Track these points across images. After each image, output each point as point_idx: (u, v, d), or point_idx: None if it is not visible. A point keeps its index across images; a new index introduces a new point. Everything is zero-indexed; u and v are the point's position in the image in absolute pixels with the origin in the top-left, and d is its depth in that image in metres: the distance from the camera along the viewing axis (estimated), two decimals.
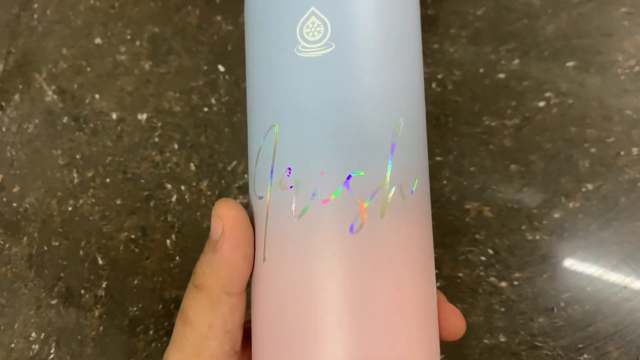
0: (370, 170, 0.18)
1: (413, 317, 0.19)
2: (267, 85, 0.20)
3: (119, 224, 0.41)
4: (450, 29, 0.42)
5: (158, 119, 0.44)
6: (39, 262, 0.41)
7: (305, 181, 0.18)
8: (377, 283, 0.18)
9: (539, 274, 0.35)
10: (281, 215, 0.19)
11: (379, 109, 0.19)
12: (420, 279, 0.19)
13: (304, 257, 0.18)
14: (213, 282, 0.20)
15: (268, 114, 0.19)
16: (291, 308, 0.19)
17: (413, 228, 0.19)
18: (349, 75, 0.19)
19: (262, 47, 0.20)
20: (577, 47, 0.40)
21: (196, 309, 0.20)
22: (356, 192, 0.18)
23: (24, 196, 0.43)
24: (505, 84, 0.40)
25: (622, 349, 0.33)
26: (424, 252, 0.20)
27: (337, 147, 0.18)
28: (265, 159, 0.19)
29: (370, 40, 0.19)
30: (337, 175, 0.18)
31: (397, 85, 0.19)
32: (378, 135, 0.19)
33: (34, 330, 0.39)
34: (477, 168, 0.38)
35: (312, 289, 0.18)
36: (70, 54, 0.48)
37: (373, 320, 0.18)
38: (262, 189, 0.19)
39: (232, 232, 0.20)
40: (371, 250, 0.18)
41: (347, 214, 0.18)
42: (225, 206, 0.20)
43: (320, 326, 0.18)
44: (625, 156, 0.37)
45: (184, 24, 0.47)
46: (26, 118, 0.46)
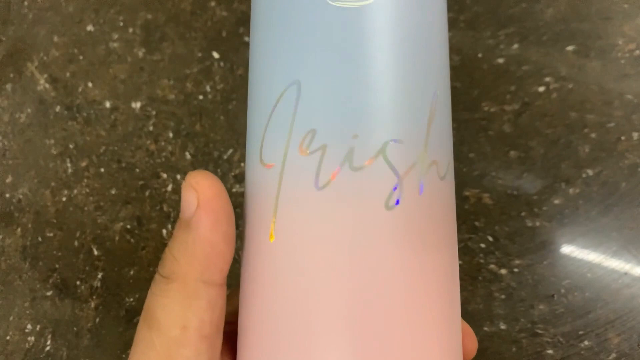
0: (410, 139, 0.16)
1: (443, 314, 0.17)
2: (289, 37, 0.17)
3: (114, 214, 0.41)
4: (448, 13, 0.41)
5: (152, 107, 0.44)
6: (33, 254, 0.41)
7: (334, 145, 0.16)
8: (417, 267, 0.16)
9: (539, 260, 0.35)
10: (300, 184, 0.16)
11: (420, 73, 0.17)
12: (448, 270, 0.18)
13: (327, 234, 0.15)
14: (187, 268, 0.16)
15: (287, 68, 0.17)
16: (309, 298, 0.16)
17: (446, 212, 0.17)
18: (389, 32, 0.16)
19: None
20: (576, 31, 0.40)
21: (165, 305, 0.16)
22: (395, 162, 0.16)
23: (17, 187, 0.43)
24: (505, 69, 0.39)
25: (623, 335, 0.33)
26: (452, 240, 0.18)
27: (373, 108, 0.16)
28: (282, 120, 0.16)
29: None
30: (374, 140, 0.16)
31: (436, 51, 0.17)
32: (418, 102, 0.16)
33: (29, 322, 0.39)
34: (476, 154, 0.38)
35: (338, 274, 0.15)
36: (62, 42, 0.48)
37: (414, 310, 0.16)
38: (274, 155, 0.16)
39: (210, 204, 0.16)
40: (409, 230, 0.16)
41: (384, 186, 0.16)
42: (200, 175, 0.17)
43: (349, 319, 0.15)
44: (626, 141, 0.36)
45: (178, 10, 0.47)
46: (18, 107, 0.46)
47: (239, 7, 0.46)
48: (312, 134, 0.16)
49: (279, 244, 0.16)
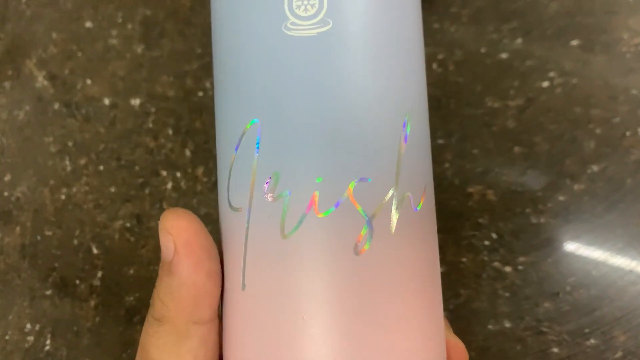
0: (378, 177, 0.15)
1: (424, 348, 0.17)
2: (247, 71, 0.16)
3: (114, 212, 0.41)
4: (450, 7, 0.42)
5: (152, 104, 0.44)
6: (32, 252, 0.41)
7: (298, 190, 0.15)
8: (391, 312, 0.15)
9: (544, 258, 0.35)
10: (266, 232, 0.15)
11: (385, 101, 0.16)
12: (432, 305, 0.17)
13: (296, 283, 0.15)
14: (176, 312, 0.16)
15: (247, 107, 0.16)
16: (281, 348, 0.15)
17: (423, 242, 0.17)
18: (349, 59, 0.16)
19: (237, 25, 0.16)
20: (581, 25, 0.39)
21: (159, 346, 0.17)
22: (362, 203, 0.15)
23: (15, 185, 0.43)
24: (508, 64, 0.39)
25: (629, 333, 0.33)
26: (432, 268, 0.17)
27: (337, 148, 0.15)
28: (244, 163, 0.16)
29: (374, 18, 0.16)
30: (338, 183, 0.15)
31: (403, 73, 0.17)
32: (385, 133, 0.16)
33: (28, 321, 0.39)
34: (480, 151, 0.38)
35: (308, 324, 0.15)
36: (61, 38, 0.48)
37: (388, 354, 0.15)
38: (240, 199, 0.16)
39: (188, 246, 0.16)
40: (381, 272, 0.15)
41: (351, 230, 0.15)
42: (174, 217, 0.16)
43: None
44: (631, 137, 0.36)
45: (177, 5, 0.47)
46: (16, 105, 0.46)
47: None
48: (276, 178, 0.15)
49: (251, 293, 0.16)
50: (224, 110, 0.17)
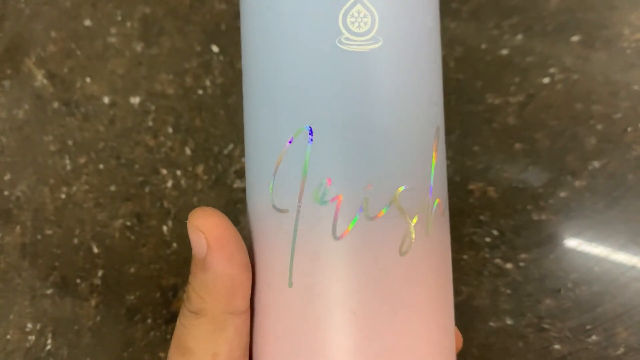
0: (418, 185, 0.17)
1: (448, 344, 0.18)
2: (299, 81, 0.17)
3: (114, 211, 0.41)
4: (451, 3, 0.42)
5: (151, 102, 0.44)
6: (32, 252, 0.41)
7: (350, 195, 0.16)
8: (427, 306, 0.17)
9: (546, 254, 0.35)
10: (317, 233, 0.16)
11: (423, 115, 0.17)
12: (449, 299, 0.18)
13: (347, 281, 0.16)
14: (214, 305, 0.17)
15: (295, 115, 0.17)
16: (324, 345, 0.16)
17: (448, 244, 0.19)
18: (396, 76, 0.17)
19: (288, 34, 0.17)
20: (581, 21, 0.39)
21: (197, 337, 0.18)
22: (405, 208, 0.17)
23: (15, 184, 0.43)
24: (509, 60, 0.39)
25: (631, 330, 0.33)
26: (451, 270, 0.19)
27: (384, 157, 0.16)
28: (293, 166, 0.17)
29: (417, 37, 0.17)
30: (387, 189, 0.16)
31: (436, 89, 0.18)
32: (423, 144, 0.17)
33: (29, 320, 0.39)
34: (481, 147, 0.38)
35: (358, 319, 0.16)
36: (59, 37, 0.47)
37: (428, 343, 0.17)
38: (288, 201, 0.17)
39: (220, 242, 0.17)
40: (420, 272, 0.17)
41: (398, 233, 0.16)
42: (203, 215, 0.18)
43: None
44: (633, 132, 0.36)
45: (176, 3, 0.46)
46: (15, 104, 0.46)
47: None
48: (327, 184, 0.16)
49: (299, 290, 0.17)
50: (268, 114, 0.18)
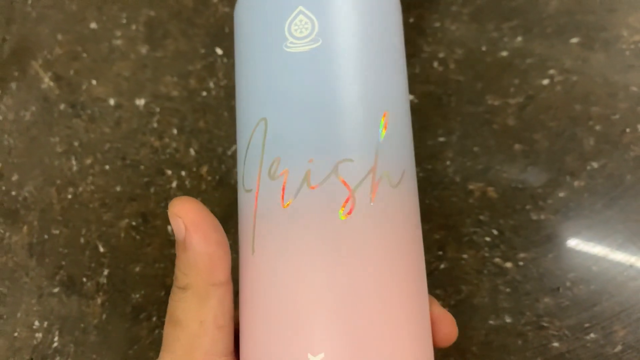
0: (359, 158, 0.19)
1: (403, 307, 0.19)
2: (256, 80, 0.20)
3: (119, 211, 0.41)
4: (451, 6, 0.42)
5: (156, 104, 0.44)
6: (39, 251, 0.41)
7: (294, 169, 0.19)
8: (368, 269, 0.18)
9: (544, 254, 0.35)
10: (270, 205, 0.19)
11: (365, 99, 0.20)
12: (409, 269, 0.19)
13: (293, 245, 0.18)
14: (196, 278, 0.19)
15: (257, 108, 0.20)
16: (282, 299, 0.18)
17: (402, 217, 0.20)
18: (336, 67, 0.19)
19: (250, 44, 0.21)
20: (581, 23, 0.40)
21: (184, 308, 0.20)
22: (346, 178, 0.19)
23: (22, 185, 0.43)
24: (508, 62, 0.39)
25: (629, 328, 0.33)
26: (412, 243, 0.20)
27: (325, 135, 0.19)
28: (255, 151, 0.20)
29: (354, 35, 0.20)
30: (326, 162, 0.19)
31: (381, 77, 0.20)
32: (366, 124, 0.19)
33: (36, 318, 0.39)
34: (481, 148, 0.38)
35: (302, 279, 0.18)
36: (66, 40, 0.48)
37: (365, 309, 0.18)
38: (251, 181, 0.19)
39: (196, 224, 0.19)
40: (361, 235, 0.18)
41: (337, 200, 0.18)
42: (180, 203, 0.20)
43: (311, 317, 0.18)
44: (631, 133, 0.36)
45: (180, 6, 0.47)
46: (23, 106, 0.46)
47: None
48: (278, 162, 0.19)
49: (259, 256, 0.19)
50: (240, 110, 0.21)
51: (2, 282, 0.41)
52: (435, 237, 0.36)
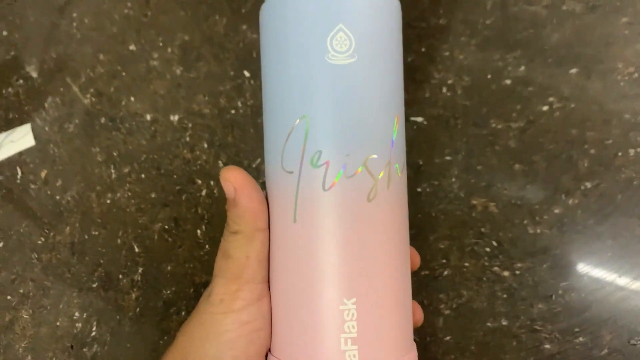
0: (381, 154, 0.23)
1: (403, 262, 0.24)
2: (299, 83, 0.23)
3: (154, 216, 0.43)
4: (460, 37, 0.43)
5: (189, 120, 0.46)
6: (80, 250, 0.43)
7: (334, 161, 0.22)
8: (386, 237, 0.23)
9: (539, 264, 0.36)
10: (312, 186, 0.23)
11: (387, 107, 0.24)
12: (405, 237, 0.25)
13: (331, 219, 0.22)
14: (245, 225, 0.24)
15: (298, 106, 0.23)
16: (320, 257, 0.22)
17: (403, 199, 0.25)
18: (367, 80, 0.23)
19: (293, 53, 0.23)
20: (580, 55, 0.41)
21: (235, 246, 0.24)
22: (372, 170, 0.23)
23: (65, 190, 0.45)
24: (512, 89, 0.41)
25: (615, 333, 0.34)
26: (406, 218, 0.25)
27: (357, 136, 0.23)
28: (296, 142, 0.23)
29: (380, 55, 0.24)
30: (359, 157, 0.22)
31: (396, 88, 0.24)
32: (386, 126, 0.23)
33: (77, 310, 0.41)
34: (484, 167, 0.39)
35: (338, 243, 0.22)
36: (107, 59, 0.50)
37: (383, 266, 0.23)
38: (293, 165, 0.23)
39: (242, 187, 0.24)
40: (381, 214, 0.23)
41: (366, 186, 0.23)
42: (229, 170, 0.24)
43: (345, 272, 0.22)
44: (623, 157, 0.38)
45: (212, 32, 0.49)
46: (67, 119, 0.48)
47: None
48: (319, 153, 0.23)
49: (300, 224, 0.23)
50: (278, 106, 0.24)
51: (47, 276, 0.42)
52: (440, 246, 0.38)
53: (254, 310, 0.24)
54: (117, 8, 0.53)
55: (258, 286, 0.24)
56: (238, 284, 0.24)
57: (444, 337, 0.36)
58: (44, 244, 0.44)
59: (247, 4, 0.49)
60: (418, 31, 0.44)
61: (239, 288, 0.24)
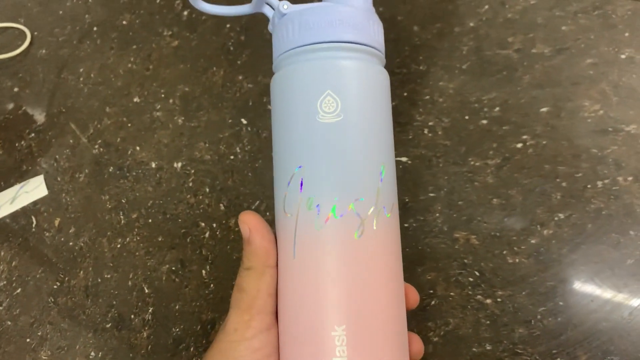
0: (367, 197, 0.26)
1: (394, 294, 0.26)
2: (296, 139, 0.27)
3: (161, 258, 0.44)
4: (439, 81, 0.45)
5: (191, 166, 0.48)
6: (94, 292, 0.44)
7: (324, 205, 0.26)
8: (373, 271, 0.26)
9: (519, 291, 0.37)
10: (307, 226, 0.26)
11: (372, 157, 0.27)
12: (397, 270, 0.27)
13: (324, 253, 0.25)
14: (256, 262, 0.27)
15: (296, 157, 0.26)
16: (314, 288, 0.25)
17: (393, 237, 0.27)
18: (352, 135, 0.26)
19: (291, 115, 0.27)
20: (549, 94, 0.43)
21: (248, 281, 0.27)
22: (358, 211, 0.26)
23: (78, 236, 0.47)
24: (488, 129, 0.43)
25: (590, 353, 0.35)
26: (398, 254, 0.28)
27: (345, 182, 0.26)
28: (294, 188, 0.26)
29: (364, 113, 0.27)
30: (346, 200, 0.26)
31: (381, 141, 0.27)
32: (371, 174, 0.26)
33: (92, 350, 0.42)
34: (465, 202, 0.41)
35: (329, 274, 0.25)
36: (113, 112, 0.53)
37: (370, 297, 0.25)
38: (292, 209, 0.26)
39: (257, 228, 0.27)
40: (369, 250, 0.26)
41: (353, 225, 0.26)
42: (246, 215, 0.28)
43: (336, 301, 0.25)
44: (592, 189, 0.39)
45: (210, 83, 0.51)
46: (77, 169, 0.51)
47: (263, 80, 0.50)
48: (312, 198, 0.26)
49: (298, 259, 0.26)
50: (281, 156, 0.27)
51: (63, 319, 0.44)
52: (427, 277, 0.39)
53: (264, 338, 0.27)
54: (121, 63, 0.56)
55: (268, 317, 0.27)
56: (250, 314, 0.27)
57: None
58: (60, 288, 0.46)
59: (242, 57, 0.53)
60: (400, 77, 0.47)
61: (251, 318, 0.27)
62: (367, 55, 0.28)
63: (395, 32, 0.49)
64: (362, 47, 0.27)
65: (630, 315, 0.36)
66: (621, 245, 0.38)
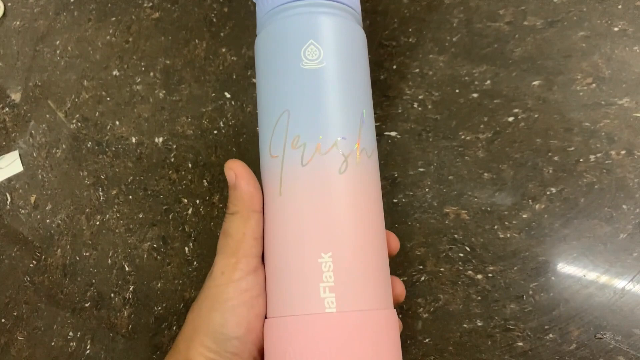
0: (350, 136, 0.28)
1: (374, 226, 0.28)
2: (281, 85, 0.28)
3: (142, 235, 0.44)
4: (429, 54, 0.45)
5: (173, 141, 0.47)
6: (72, 271, 0.43)
7: (310, 143, 0.27)
8: (356, 203, 0.27)
9: (510, 267, 0.37)
10: (293, 164, 0.27)
11: (353, 101, 0.28)
12: (377, 205, 0.29)
13: (310, 189, 0.27)
14: (241, 207, 0.28)
15: (281, 103, 0.28)
16: (302, 220, 0.27)
17: (373, 176, 0.29)
18: (334, 80, 0.28)
19: (275, 62, 0.29)
20: (541, 67, 0.42)
21: (234, 225, 0.28)
22: (342, 148, 0.27)
23: (55, 213, 0.46)
24: (479, 102, 0.42)
25: (582, 329, 0.35)
26: (378, 192, 0.29)
27: (329, 122, 0.27)
28: (280, 131, 0.28)
29: (345, 61, 0.29)
30: (331, 138, 0.27)
31: (361, 90, 0.29)
32: (354, 115, 0.28)
33: (70, 330, 0.41)
34: (455, 177, 0.40)
35: (316, 208, 0.27)
36: (91, 85, 0.51)
37: (354, 225, 0.27)
38: (277, 150, 0.28)
39: (242, 174, 0.28)
40: (351, 184, 0.27)
41: (337, 162, 0.27)
42: (232, 162, 0.29)
43: (322, 230, 0.26)
44: (584, 163, 0.39)
45: (193, 56, 0.50)
46: (54, 144, 0.49)
47: (247, 52, 0.49)
48: (298, 137, 0.27)
49: (284, 196, 0.27)
50: (267, 103, 0.29)
51: (40, 298, 0.43)
52: (416, 253, 0.39)
53: (251, 279, 0.27)
54: (100, 35, 0.54)
55: (254, 259, 0.28)
56: (237, 257, 0.27)
57: (424, 339, 0.38)
58: (36, 267, 0.45)
59: (225, 28, 0.51)
60: (389, 50, 0.46)
61: (238, 261, 0.27)
62: (345, 13, 0.30)
63: (383, 4, 0.48)
64: (340, 5, 0.30)
65: (622, 290, 0.36)
66: (614, 220, 0.38)
